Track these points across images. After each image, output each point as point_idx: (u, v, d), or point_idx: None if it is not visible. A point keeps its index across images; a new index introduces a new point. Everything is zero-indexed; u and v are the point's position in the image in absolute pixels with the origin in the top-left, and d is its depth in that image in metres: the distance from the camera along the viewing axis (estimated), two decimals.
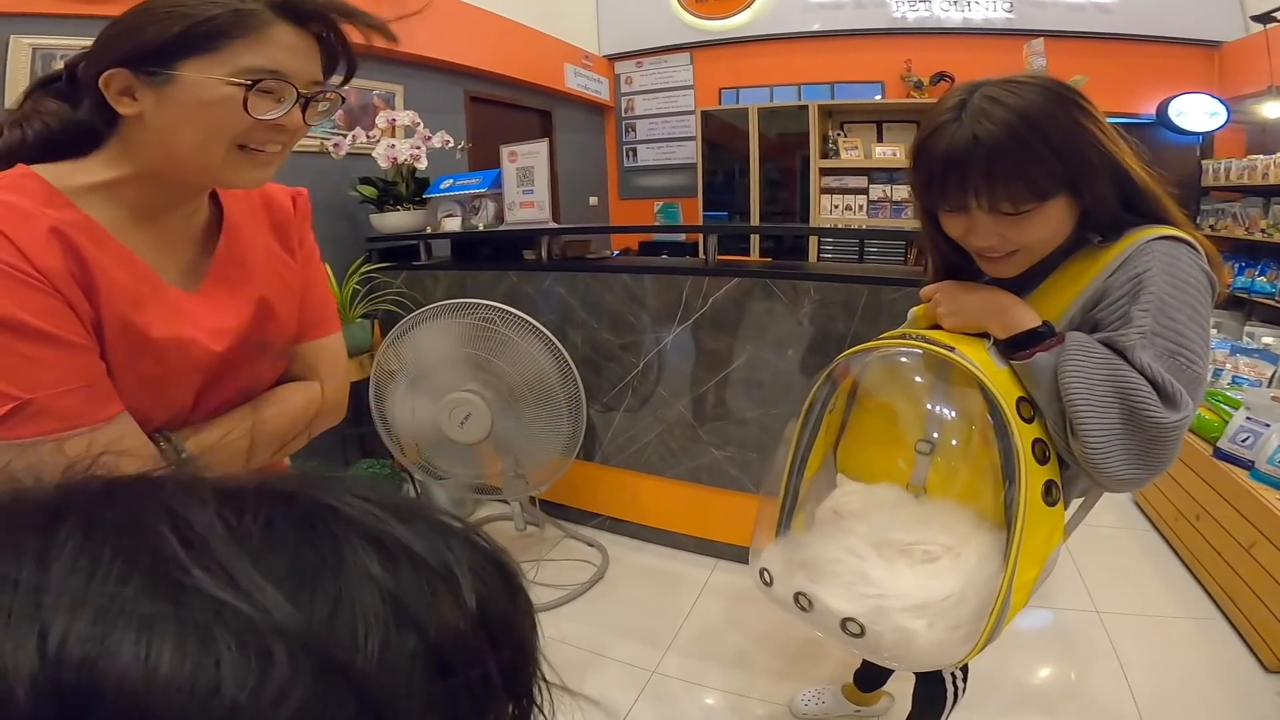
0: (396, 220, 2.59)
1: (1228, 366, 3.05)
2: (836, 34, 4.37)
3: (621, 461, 2.48)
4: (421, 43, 3.24)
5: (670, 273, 2.26)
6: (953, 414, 0.87)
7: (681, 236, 3.81)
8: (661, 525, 2.46)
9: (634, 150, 5.00)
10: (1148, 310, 0.72)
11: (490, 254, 2.63)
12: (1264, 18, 3.16)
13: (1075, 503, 0.93)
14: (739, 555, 2.18)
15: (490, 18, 3.70)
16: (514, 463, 2.18)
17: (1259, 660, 1.82)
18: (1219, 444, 2.24)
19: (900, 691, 1.36)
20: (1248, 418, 2.17)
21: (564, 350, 2.00)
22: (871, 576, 0.82)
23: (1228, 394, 2.46)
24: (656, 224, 4.33)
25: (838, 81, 4.34)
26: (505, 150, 2.58)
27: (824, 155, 4.04)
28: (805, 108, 3.98)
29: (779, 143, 4.13)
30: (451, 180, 2.68)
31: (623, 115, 5.00)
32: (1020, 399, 0.79)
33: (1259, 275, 3.50)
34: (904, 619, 0.79)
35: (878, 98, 4.22)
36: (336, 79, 0.72)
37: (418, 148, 2.57)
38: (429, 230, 2.63)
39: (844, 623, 0.82)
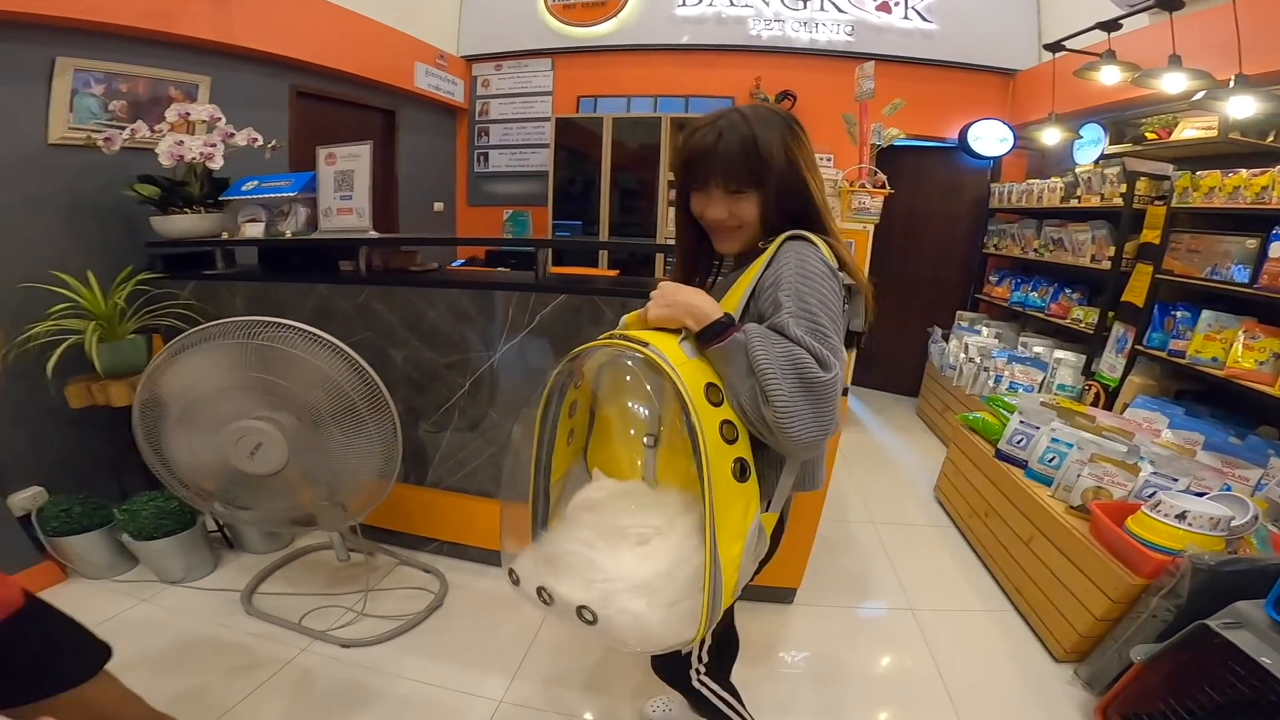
0: (185, 224, 2.30)
1: (1006, 373, 3.38)
2: (695, 48, 4.45)
3: (454, 484, 2.34)
4: (238, 31, 2.93)
5: (496, 288, 2.16)
6: (660, 407, 0.94)
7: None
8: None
9: (485, 155, 4.83)
10: (789, 296, 0.89)
11: (302, 264, 2.41)
12: (1054, 46, 3.41)
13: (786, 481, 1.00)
14: None
15: (327, 8, 3.44)
16: (326, 491, 1.98)
17: (1048, 650, 2.00)
18: (999, 446, 2.44)
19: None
20: (1021, 421, 2.39)
21: (370, 369, 1.83)
22: (598, 564, 0.88)
23: (1006, 399, 2.70)
24: (489, 237, 4.19)
25: (692, 95, 4.43)
26: (322, 152, 2.37)
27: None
28: (659, 119, 4.02)
29: (632, 154, 4.13)
30: (256, 182, 2.41)
31: (476, 119, 4.83)
32: (708, 385, 0.88)
33: (1031, 291, 3.89)
34: (626, 600, 0.85)
35: None
36: None
37: (212, 145, 2.30)
38: (225, 236, 2.36)
39: (579, 611, 0.87)
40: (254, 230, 2.33)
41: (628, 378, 0.98)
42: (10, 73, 2.12)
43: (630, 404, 1.00)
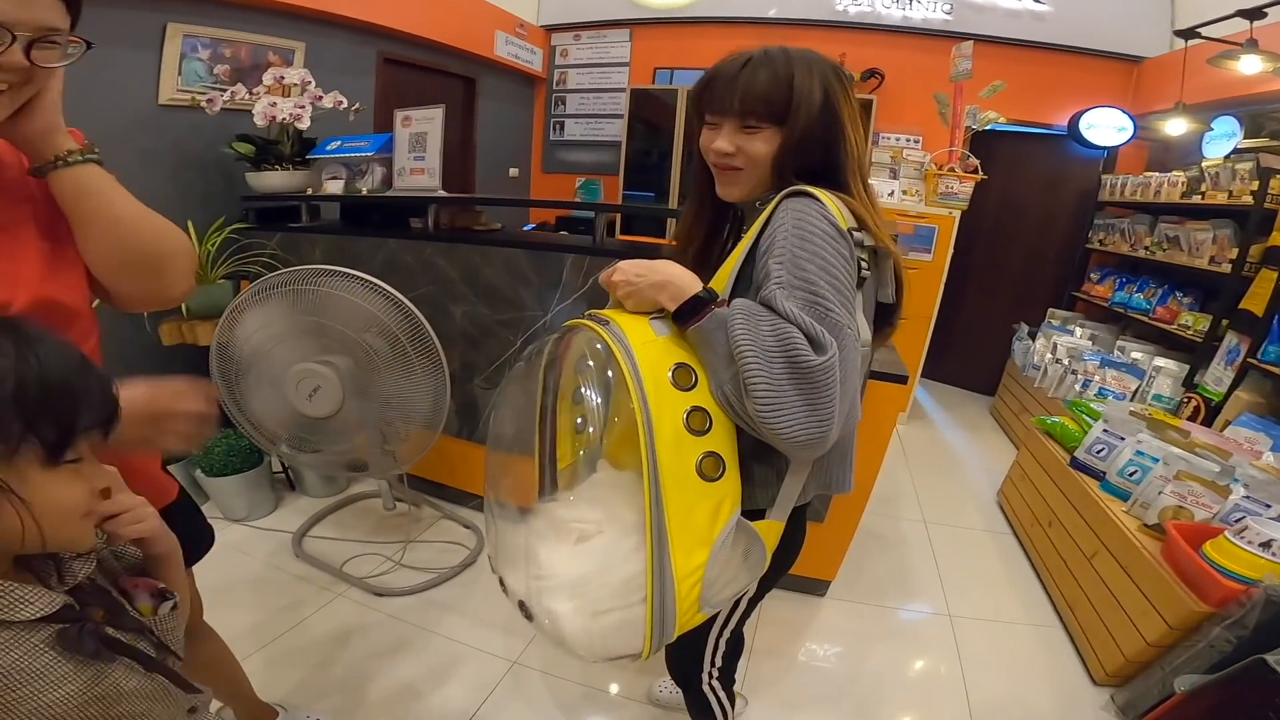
0: (275, 180, 2.47)
1: (1096, 378, 3.10)
2: (777, 22, 4.30)
3: None
4: None
5: (553, 250, 2.19)
6: (640, 395, 0.79)
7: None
8: None
9: (561, 124, 4.88)
10: (782, 263, 0.76)
11: (379, 220, 2.53)
12: (1188, 33, 3.12)
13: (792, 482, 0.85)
14: None
15: None
16: (378, 437, 2.10)
17: (1088, 671, 1.87)
18: (1075, 454, 2.27)
19: (754, 693, 1.29)
20: (1105, 430, 2.20)
21: (423, 318, 1.89)
22: (539, 557, 0.80)
23: (1092, 405, 2.49)
24: (550, 199, 4.32)
25: None
26: (399, 115, 2.46)
27: None
28: None
29: None
30: (339, 142, 2.55)
31: (554, 88, 4.87)
32: (677, 366, 0.76)
33: (1137, 291, 3.54)
34: (552, 600, 0.77)
35: None
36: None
37: (301, 107, 2.44)
38: (310, 192, 2.51)
39: (520, 605, 0.81)
40: (335, 187, 2.47)
41: (591, 361, 0.85)
42: (126, 38, 2.31)
43: (617, 390, 0.86)
